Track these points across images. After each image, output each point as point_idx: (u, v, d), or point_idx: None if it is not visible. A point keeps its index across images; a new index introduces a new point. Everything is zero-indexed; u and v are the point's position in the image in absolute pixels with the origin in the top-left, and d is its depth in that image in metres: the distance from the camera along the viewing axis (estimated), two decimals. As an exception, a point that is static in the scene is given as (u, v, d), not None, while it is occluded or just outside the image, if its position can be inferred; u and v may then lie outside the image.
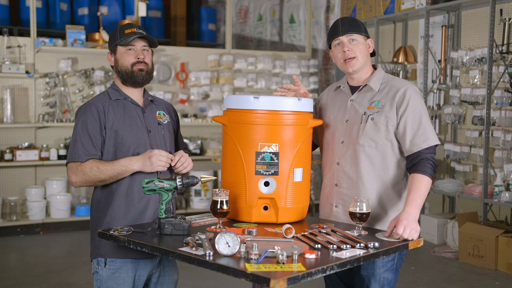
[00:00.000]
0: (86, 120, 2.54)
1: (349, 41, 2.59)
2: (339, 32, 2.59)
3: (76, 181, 2.53)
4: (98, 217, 2.60)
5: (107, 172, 2.48)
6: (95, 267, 2.58)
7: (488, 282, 4.73)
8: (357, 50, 2.59)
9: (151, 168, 2.48)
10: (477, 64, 5.63)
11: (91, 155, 2.51)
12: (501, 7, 5.40)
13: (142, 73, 2.61)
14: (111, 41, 2.65)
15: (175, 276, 2.72)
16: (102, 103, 2.58)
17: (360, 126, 2.58)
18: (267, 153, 2.50)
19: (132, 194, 2.55)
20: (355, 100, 2.64)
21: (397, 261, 2.56)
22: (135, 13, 7.15)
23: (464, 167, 5.88)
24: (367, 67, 2.66)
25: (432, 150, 2.53)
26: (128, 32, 2.59)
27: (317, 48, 8.16)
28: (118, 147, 2.55)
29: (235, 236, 2.04)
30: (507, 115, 5.32)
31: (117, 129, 2.55)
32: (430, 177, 2.48)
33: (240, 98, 2.56)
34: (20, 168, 6.29)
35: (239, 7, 9.65)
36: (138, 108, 2.64)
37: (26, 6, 7.54)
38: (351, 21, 2.63)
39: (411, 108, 2.54)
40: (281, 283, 1.81)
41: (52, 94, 6.37)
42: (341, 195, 2.62)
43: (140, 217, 2.56)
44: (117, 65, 2.63)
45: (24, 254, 5.52)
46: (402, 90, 2.57)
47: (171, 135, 2.73)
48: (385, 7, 6.65)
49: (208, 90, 7.23)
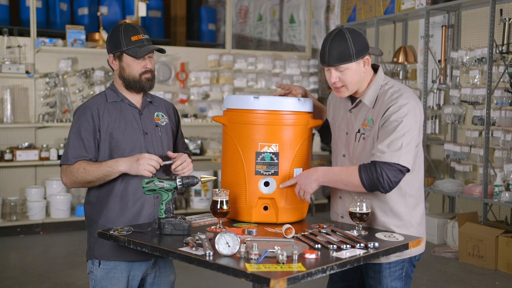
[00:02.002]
0: (80, 123, 2.54)
1: (336, 70, 2.41)
2: (326, 62, 2.41)
3: (67, 182, 2.55)
4: (92, 219, 2.59)
5: (93, 174, 2.47)
6: (90, 266, 2.59)
7: (488, 282, 4.73)
8: (346, 79, 2.42)
9: (137, 170, 2.45)
10: (477, 64, 5.63)
11: (80, 157, 2.50)
12: (501, 7, 5.40)
13: (150, 82, 2.60)
14: (114, 44, 2.58)
15: (171, 277, 2.71)
16: (98, 106, 2.56)
17: (355, 144, 2.50)
18: (267, 153, 2.51)
19: (127, 196, 2.54)
20: (353, 113, 2.54)
21: (406, 268, 2.48)
22: (135, 13, 7.15)
23: (464, 167, 5.88)
24: (363, 83, 2.48)
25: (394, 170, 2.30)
26: (135, 40, 2.55)
27: (317, 48, 8.17)
28: (113, 150, 2.54)
29: (235, 236, 2.04)
30: (507, 115, 5.32)
31: (112, 131, 2.54)
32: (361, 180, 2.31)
33: (240, 98, 2.56)
34: (20, 168, 6.29)
35: (239, 7, 9.65)
36: (135, 110, 2.62)
37: (26, 6, 7.54)
38: (340, 47, 2.38)
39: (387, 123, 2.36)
40: (281, 283, 1.81)
41: (52, 94, 6.37)
42: (345, 208, 2.57)
43: (135, 219, 2.55)
44: (123, 72, 2.58)
45: (24, 254, 5.52)
46: (388, 106, 2.38)
47: (169, 137, 2.71)
48: (385, 7, 6.65)
49: (208, 90, 7.23)
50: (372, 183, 2.32)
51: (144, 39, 2.57)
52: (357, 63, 2.41)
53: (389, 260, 2.43)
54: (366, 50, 2.43)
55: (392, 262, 2.45)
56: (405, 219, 2.48)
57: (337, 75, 2.42)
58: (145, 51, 2.54)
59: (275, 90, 7.56)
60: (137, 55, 2.54)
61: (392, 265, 2.45)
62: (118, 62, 2.59)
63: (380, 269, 2.46)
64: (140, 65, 2.57)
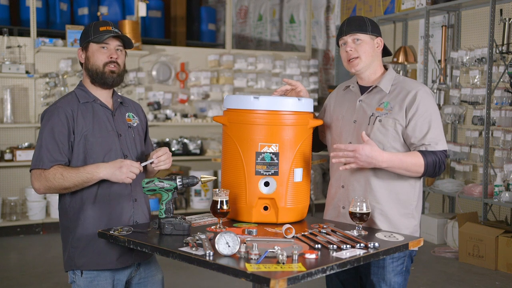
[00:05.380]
0: (53, 124, 2.42)
1: (353, 41, 2.56)
2: (343, 32, 2.58)
3: (39, 187, 2.40)
4: (68, 227, 2.50)
5: (72, 180, 2.37)
6: (72, 277, 2.52)
7: (488, 282, 4.73)
8: (360, 50, 2.56)
9: (121, 178, 2.36)
10: (477, 64, 5.63)
11: (56, 161, 2.39)
12: (501, 7, 5.40)
13: (113, 75, 2.51)
14: (84, 37, 2.53)
15: (158, 276, 2.66)
16: (71, 107, 2.47)
17: (368, 128, 2.54)
18: (267, 153, 2.50)
19: (105, 202, 2.47)
20: (364, 101, 2.61)
21: (407, 263, 2.55)
22: (135, 13, 7.15)
23: (464, 167, 5.88)
24: (375, 67, 2.62)
25: (445, 156, 2.52)
26: (103, 30, 2.49)
27: (317, 48, 8.17)
28: (88, 153, 2.44)
29: (235, 236, 2.04)
30: (507, 115, 5.32)
31: (86, 134, 2.45)
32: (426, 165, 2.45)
33: (240, 98, 2.55)
34: (20, 168, 6.29)
35: (239, 7, 9.65)
36: (108, 111, 2.54)
37: (26, 6, 7.54)
38: (357, 20, 2.59)
39: (421, 112, 2.49)
40: (281, 283, 1.81)
41: (52, 94, 6.37)
42: (348, 197, 2.59)
43: (115, 224, 2.47)
44: (87, 63, 2.52)
45: (24, 254, 5.52)
46: (412, 92, 2.52)
47: (141, 138, 2.66)
48: (385, 7, 6.65)
49: (208, 90, 7.23)
50: (433, 169, 2.48)
51: (112, 30, 2.51)
52: (371, 38, 2.58)
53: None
54: (380, 35, 2.61)
55: (395, 257, 2.50)
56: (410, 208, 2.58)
57: (353, 46, 2.57)
58: (106, 36, 2.47)
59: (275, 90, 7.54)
60: (100, 39, 2.47)
61: (395, 260, 2.51)
62: (84, 53, 2.54)
63: (384, 264, 2.50)
64: (104, 55, 2.50)
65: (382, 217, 2.54)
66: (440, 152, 2.49)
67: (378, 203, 2.53)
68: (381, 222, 2.54)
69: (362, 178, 2.56)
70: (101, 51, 2.50)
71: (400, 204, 2.56)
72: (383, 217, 2.54)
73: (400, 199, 2.55)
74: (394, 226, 2.53)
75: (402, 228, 2.54)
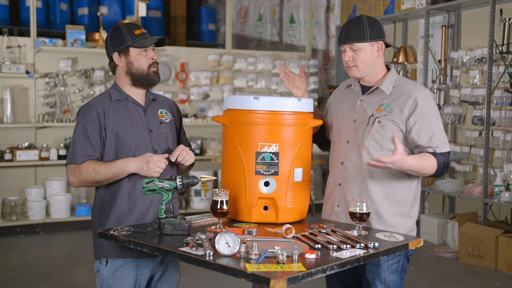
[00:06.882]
0: (85, 122, 2.54)
1: (350, 49, 2.57)
2: (341, 40, 2.59)
3: (74, 182, 2.54)
4: (101, 218, 2.59)
5: (103, 174, 2.48)
6: (97, 265, 2.59)
7: (488, 282, 4.73)
8: (358, 59, 2.56)
9: (148, 172, 2.47)
10: (477, 64, 5.63)
11: (88, 156, 2.51)
12: (501, 7, 5.40)
13: (156, 75, 2.65)
14: (118, 41, 2.59)
15: (176, 276, 2.72)
16: (103, 104, 2.57)
17: (367, 128, 2.57)
18: (267, 153, 2.51)
19: (135, 195, 2.55)
20: (365, 101, 2.63)
21: (402, 262, 2.56)
22: (135, 13, 7.15)
23: (464, 167, 5.89)
24: (376, 69, 2.63)
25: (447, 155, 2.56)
26: (139, 33, 2.59)
27: (317, 48, 8.16)
28: (119, 148, 2.54)
29: (235, 236, 2.04)
30: (507, 115, 5.32)
31: (117, 130, 2.54)
32: (438, 165, 2.49)
33: (240, 98, 2.56)
34: (20, 168, 6.29)
35: (239, 7, 9.65)
36: (140, 108, 2.64)
37: (26, 6, 7.53)
38: (356, 26, 2.56)
39: (424, 115, 2.51)
40: (281, 283, 1.81)
41: (52, 94, 6.37)
42: (343, 195, 2.61)
43: (144, 217, 2.56)
44: (131, 67, 2.60)
45: (24, 254, 5.53)
46: (413, 96, 2.53)
47: (173, 134, 2.72)
48: (385, 7, 6.65)
49: (208, 90, 7.23)
50: (442, 169, 2.53)
51: (146, 33, 2.62)
52: (370, 45, 2.56)
53: None
54: (381, 37, 2.59)
55: (390, 255, 2.49)
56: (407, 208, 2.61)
57: (351, 55, 2.57)
58: (152, 40, 2.59)
59: (275, 90, 7.57)
60: (145, 44, 2.57)
61: (390, 258, 2.51)
62: (124, 58, 2.60)
63: (379, 262, 2.51)
64: (147, 57, 2.61)
65: (376, 217, 2.56)
66: (447, 153, 2.54)
67: (373, 202, 2.55)
68: (375, 222, 2.56)
69: (359, 177, 2.58)
70: (142, 55, 2.61)
71: (396, 204, 2.57)
72: (377, 216, 2.56)
73: (396, 199, 2.57)
74: (389, 225, 2.55)
75: (398, 227, 2.55)
